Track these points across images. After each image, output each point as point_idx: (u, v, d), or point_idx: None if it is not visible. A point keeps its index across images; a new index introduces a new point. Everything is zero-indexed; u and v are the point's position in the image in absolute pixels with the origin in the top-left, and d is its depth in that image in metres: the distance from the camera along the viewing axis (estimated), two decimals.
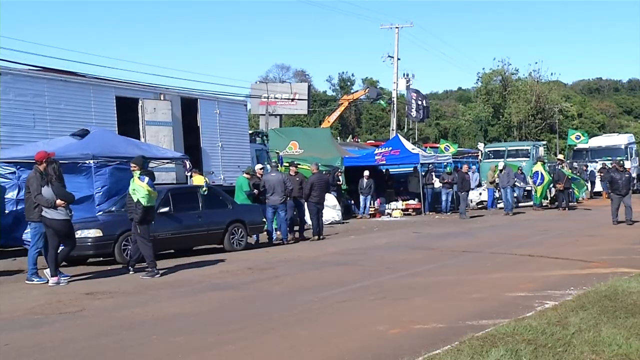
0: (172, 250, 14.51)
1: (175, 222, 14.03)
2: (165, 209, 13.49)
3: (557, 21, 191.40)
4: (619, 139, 41.38)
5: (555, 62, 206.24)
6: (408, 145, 27.36)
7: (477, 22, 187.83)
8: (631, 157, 38.03)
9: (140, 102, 18.72)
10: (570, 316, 6.90)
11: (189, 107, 20.36)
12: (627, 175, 18.69)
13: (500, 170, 25.37)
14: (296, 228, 17.78)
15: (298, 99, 45.36)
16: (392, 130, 42.24)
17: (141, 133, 18.58)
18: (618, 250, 13.65)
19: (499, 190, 29.15)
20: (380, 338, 6.85)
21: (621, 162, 19.64)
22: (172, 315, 8.35)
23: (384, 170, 28.34)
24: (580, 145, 39.00)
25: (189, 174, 17.37)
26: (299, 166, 18.86)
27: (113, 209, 14.15)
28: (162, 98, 19.45)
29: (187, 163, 17.18)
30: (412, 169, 26.88)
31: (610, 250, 13.71)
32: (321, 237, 17.38)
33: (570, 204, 27.05)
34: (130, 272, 11.84)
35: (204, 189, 15.21)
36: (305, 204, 17.58)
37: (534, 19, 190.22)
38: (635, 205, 19.36)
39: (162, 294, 9.97)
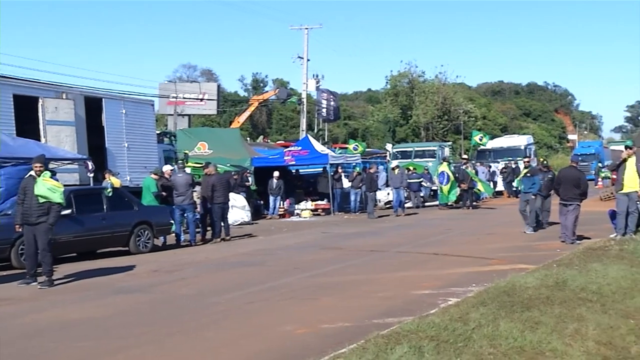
0: (75, 254, 14.06)
1: (78, 224, 13.59)
2: (67, 212, 13.02)
3: (462, 25, 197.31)
4: (519, 140, 43.06)
5: (460, 65, 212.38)
6: (317, 145, 27.52)
7: (385, 25, 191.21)
8: (530, 157, 39.57)
9: (40, 100, 18.01)
10: (471, 312, 7.09)
11: (93, 106, 19.74)
12: (549, 176, 17.65)
13: (393, 169, 25.68)
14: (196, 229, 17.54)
15: (207, 99, 44.85)
16: (302, 130, 42.43)
17: (42, 133, 17.87)
18: (517, 248, 14.17)
19: (407, 191, 29.80)
20: (288, 338, 6.86)
21: (545, 161, 19.61)
22: (76, 321, 8.10)
23: (293, 171, 28.41)
24: (483, 146, 40.34)
25: (91, 175, 16.86)
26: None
27: (9, 212, 13.55)
28: (64, 97, 18.78)
29: (90, 164, 16.67)
30: (321, 169, 27.05)
31: (510, 248, 14.22)
32: (227, 238, 17.21)
33: (474, 203, 27.90)
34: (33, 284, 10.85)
35: (108, 190, 14.82)
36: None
37: (440, 22, 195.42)
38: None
39: (64, 299, 9.65)
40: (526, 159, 20.71)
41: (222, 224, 17.22)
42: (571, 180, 14.85)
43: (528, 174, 17.72)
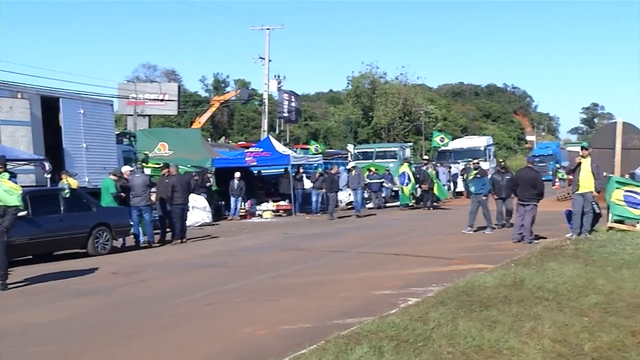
0: (31, 257, 13.79)
1: (34, 226, 13.32)
2: (23, 213, 12.72)
3: (422, 27, 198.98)
4: (479, 141, 43.60)
5: (421, 66, 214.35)
6: (279, 146, 27.46)
7: (347, 26, 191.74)
8: (489, 158, 40.16)
9: None
10: (431, 312, 7.15)
11: (50, 106, 19.38)
12: (508, 177, 17.36)
13: (349, 171, 25.67)
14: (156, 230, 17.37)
15: (168, 100, 44.42)
16: (264, 131, 42.31)
17: None
18: (476, 248, 14.33)
19: (368, 191, 29.93)
20: (248, 340, 6.84)
21: (503, 163, 19.57)
22: (31, 325, 7.95)
23: (255, 172, 28.32)
24: (444, 147, 40.80)
25: (48, 175, 16.57)
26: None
27: None
28: (19, 96, 18.40)
29: (47, 165, 16.37)
30: (283, 170, 27.00)
31: (469, 248, 14.38)
32: (184, 240, 17.03)
33: (434, 203, 28.12)
34: None
35: (66, 191, 14.58)
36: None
37: (401, 24, 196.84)
38: (491, 205, 20.35)
39: (19, 302, 9.48)
40: (474, 160, 20.76)
41: (181, 225, 17.09)
42: (528, 181, 15.10)
43: (478, 175, 17.97)
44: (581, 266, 10.11)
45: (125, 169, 17.71)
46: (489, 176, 18.50)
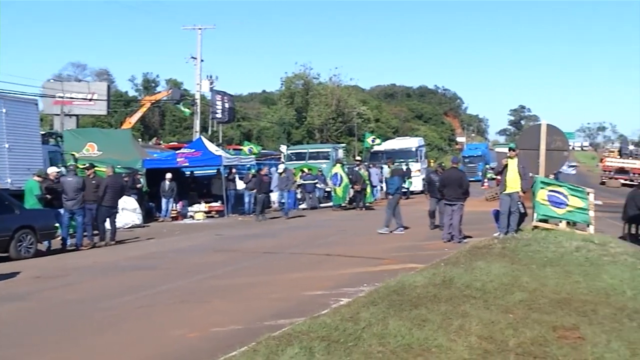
0: None
1: None
2: None
3: (355, 29, 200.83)
4: (411, 142, 44.21)
5: (354, 68, 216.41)
6: (211, 147, 27.19)
7: (280, 27, 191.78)
8: (421, 159, 40.78)
9: None
10: (362, 311, 7.20)
11: None
12: (443, 178, 16.81)
13: (280, 174, 25.58)
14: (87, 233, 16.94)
15: (96, 99, 43.35)
16: (196, 132, 41.83)
17: None
18: (407, 247, 14.52)
19: (301, 192, 29.96)
20: (178, 343, 6.74)
21: (442, 164, 19.84)
22: None
23: (187, 173, 27.96)
24: (376, 148, 41.21)
25: None
26: (96, 169, 17.99)
27: None
28: None
29: None
30: (215, 171, 26.75)
31: (401, 248, 14.55)
32: (112, 242, 16.68)
33: (367, 204, 28.35)
34: None
35: None
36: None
37: (335, 25, 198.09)
38: (423, 205, 20.72)
39: None
40: (389, 160, 20.99)
41: (110, 227, 16.73)
42: (454, 181, 15.48)
43: (395, 176, 18.20)
44: (507, 264, 10.36)
45: (52, 170, 17.18)
46: (425, 176, 18.77)
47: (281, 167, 25.79)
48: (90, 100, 42.82)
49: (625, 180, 58.72)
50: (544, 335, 6.18)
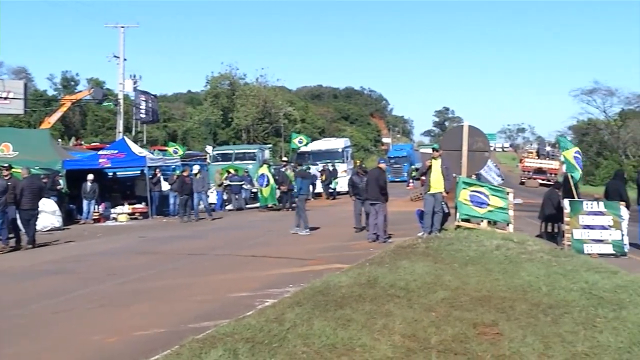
0: None
1: None
2: None
3: (281, 29, 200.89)
4: (337, 143, 44.48)
5: (280, 68, 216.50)
6: (135, 148, 26.66)
7: (205, 26, 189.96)
8: (347, 159, 41.09)
9: None
10: (287, 312, 7.19)
11: None
12: (366, 179, 16.85)
13: (195, 174, 25.10)
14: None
15: (12, 98, 41.76)
16: (119, 132, 40.90)
17: None
18: (333, 248, 14.61)
19: (227, 193, 29.73)
20: (97, 348, 6.57)
21: (363, 165, 19.67)
22: None
23: (110, 174, 27.32)
24: (303, 149, 41.29)
25: None
26: (13, 170, 17.33)
27: None
28: None
29: None
30: (139, 172, 26.24)
31: (327, 248, 14.62)
32: (30, 246, 16.13)
33: (293, 205, 28.34)
34: None
35: None
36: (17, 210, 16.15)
37: (261, 25, 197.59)
38: (349, 205, 20.82)
39: None
40: (293, 163, 21.11)
41: (28, 230, 16.18)
42: (375, 180, 15.70)
43: (298, 177, 18.29)
44: (431, 264, 10.55)
45: None
46: (349, 177, 18.76)
47: (195, 169, 25.03)
48: (6, 99, 41.22)
49: (543, 180, 60.82)
50: (465, 332, 6.32)
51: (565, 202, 14.44)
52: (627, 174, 18.38)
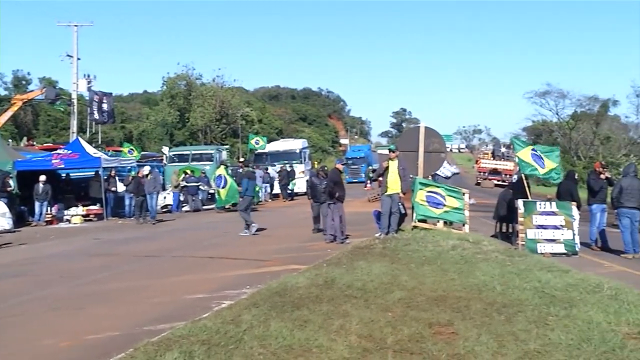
0: None
1: None
2: None
3: (238, 29, 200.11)
4: (294, 144, 44.50)
5: (237, 69, 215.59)
6: (89, 148, 26.24)
7: (161, 26, 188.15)
8: (304, 160, 41.12)
9: None
10: (244, 314, 7.16)
11: None
12: (325, 181, 16.75)
13: (146, 176, 24.70)
14: None
15: None
16: (73, 133, 40.23)
17: None
18: (290, 249, 14.59)
19: (184, 194, 29.46)
20: (49, 353, 6.44)
21: (325, 167, 18.81)
22: None
23: (63, 175, 26.82)
24: (260, 150, 41.18)
25: None
26: None
27: None
28: None
29: None
30: (93, 173, 25.82)
31: (284, 249, 14.60)
32: None
33: (252, 206, 28.22)
34: None
35: None
36: None
37: (218, 26, 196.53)
38: (307, 207, 20.79)
39: None
40: (242, 164, 21.01)
41: None
42: (333, 180, 15.78)
43: (244, 178, 18.23)
44: (388, 264, 10.62)
45: None
46: (307, 178, 18.66)
47: (146, 170, 24.53)
48: None
49: (498, 180, 61.73)
50: (421, 332, 6.37)
51: (519, 203, 14.68)
52: (579, 175, 18.71)
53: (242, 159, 34.91)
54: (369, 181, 45.66)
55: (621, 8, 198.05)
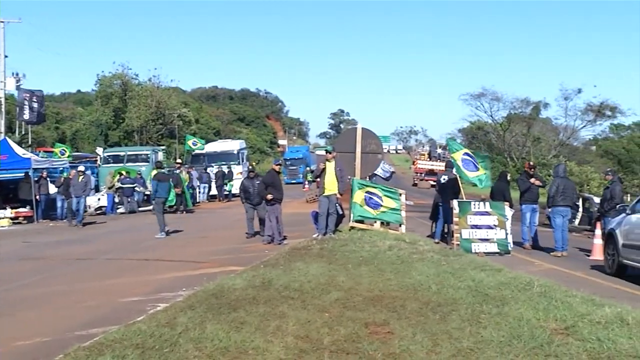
0: None
1: None
2: None
3: (175, 30, 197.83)
4: (232, 145, 44.20)
5: (174, 69, 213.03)
6: (18, 149, 25.48)
7: (95, 24, 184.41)
8: (242, 161, 40.89)
9: None
10: (179, 316, 7.05)
11: None
12: (258, 182, 16.51)
13: (79, 178, 23.90)
14: None
15: None
16: (1, 133, 38.93)
17: None
18: (227, 250, 14.49)
19: (119, 196, 28.88)
20: None
21: (252, 169, 18.19)
22: None
23: None
24: (198, 150, 40.74)
25: None
26: None
27: None
28: None
29: None
30: (23, 174, 25.06)
31: (221, 251, 14.49)
32: None
33: (187, 207, 27.95)
34: None
35: None
36: None
37: (154, 25, 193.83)
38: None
39: None
40: (157, 163, 20.82)
41: None
42: (268, 181, 15.79)
43: (154, 180, 18.17)
44: (325, 265, 10.65)
45: None
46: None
47: (71, 173, 23.77)
48: None
49: (435, 181, 62.48)
50: (357, 332, 6.40)
51: (454, 203, 14.93)
52: (511, 176, 19.17)
53: (178, 160, 34.63)
54: (307, 182, 45.80)
55: (552, 12, 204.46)
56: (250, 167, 19.00)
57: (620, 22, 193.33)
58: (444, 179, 16.43)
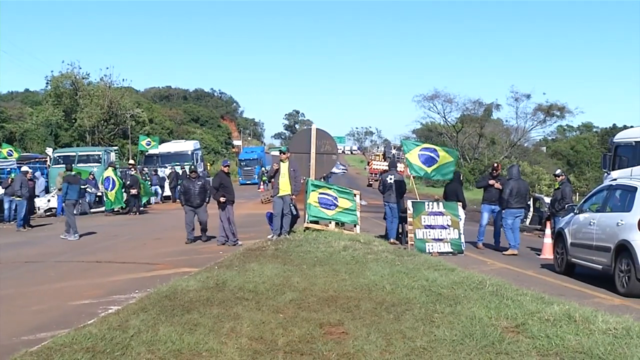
0: None
1: None
2: None
3: (127, 28, 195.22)
4: (186, 145, 43.88)
5: (126, 68, 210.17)
6: None
7: (42, 23, 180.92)
8: (197, 162, 40.58)
9: None
10: (132, 319, 6.95)
11: None
12: (199, 183, 16.41)
13: (30, 178, 23.23)
14: None
15: None
16: None
17: None
18: (182, 252, 14.36)
19: None
20: None
21: (193, 168, 18.01)
22: None
23: None
24: (151, 151, 40.29)
25: None
26: None
27: None
28: None
29: None
30: None
31: (175, 252, 14.35)
32: None
33: (141, 208, 27.63)
34: None
35: None
36: None
37: (105, 24, 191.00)
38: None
39: None
40: (68, 165, 20.58)
41: None
42: (216, 184, 15.73)
43: (65, 182, 17.98)
44: (280, 265, 10.62)
45: None
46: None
47: (12, 175, 22.95)
48: None
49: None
50: (312, 333, 6.40)
51: (408, 203, 15.04)
52: (464, 176, 19.42)
53: (131, 161, 34.16)
54: (262, 183, 45.67)
55: (501, 15, 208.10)
56: (191, 167, 18.77)
57: (569, 24, 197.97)
58: (391, 179, 16.48)
